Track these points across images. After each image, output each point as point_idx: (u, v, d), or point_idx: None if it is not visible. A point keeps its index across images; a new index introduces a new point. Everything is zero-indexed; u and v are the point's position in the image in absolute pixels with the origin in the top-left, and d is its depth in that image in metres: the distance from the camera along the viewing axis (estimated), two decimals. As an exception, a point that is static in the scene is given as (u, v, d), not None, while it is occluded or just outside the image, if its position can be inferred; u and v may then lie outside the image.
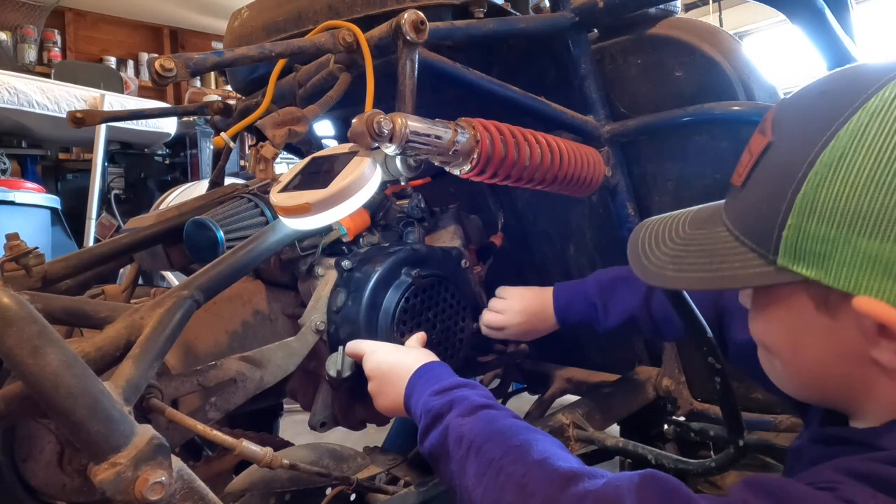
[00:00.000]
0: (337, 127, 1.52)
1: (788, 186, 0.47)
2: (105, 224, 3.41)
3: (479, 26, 1.02)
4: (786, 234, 0.47)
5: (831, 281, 0.46)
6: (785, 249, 0.48)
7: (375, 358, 0.83)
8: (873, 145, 0.44)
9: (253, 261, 0.82)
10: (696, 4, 5.15)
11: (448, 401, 0.69)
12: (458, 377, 0.74)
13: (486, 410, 0.66)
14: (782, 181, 0.48)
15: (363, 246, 1.00)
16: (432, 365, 0.78)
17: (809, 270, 0.47)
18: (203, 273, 0.76)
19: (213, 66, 0.81)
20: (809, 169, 0.46)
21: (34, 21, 4.56)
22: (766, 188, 0.50)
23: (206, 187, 1.45)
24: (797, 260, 0.47)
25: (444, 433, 0.66)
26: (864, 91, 0.46)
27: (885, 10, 4.22)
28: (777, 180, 0.49)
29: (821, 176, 0.46)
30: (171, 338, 0.68)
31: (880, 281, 0.44)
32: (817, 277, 0.46)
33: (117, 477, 0.52)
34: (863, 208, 0.44)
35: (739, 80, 1.05)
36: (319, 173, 0.81)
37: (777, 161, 0.50)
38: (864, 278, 0.45)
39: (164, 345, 0.66)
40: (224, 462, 1.05)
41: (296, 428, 1.61)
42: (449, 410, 0.68)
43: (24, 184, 2.97)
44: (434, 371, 0.77)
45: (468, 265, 1.07)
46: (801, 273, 0.47)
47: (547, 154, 0.94)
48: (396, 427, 1.54)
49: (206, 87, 5.29)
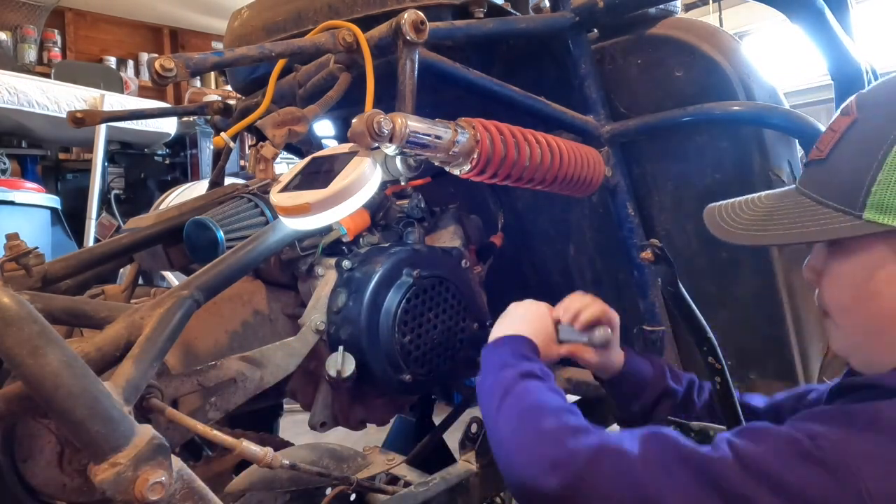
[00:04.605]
0: (337, 127, 1.52)
1: (879, 150, 0.56)
2: (105, 224, 3.41)
3: (479, 26, 1.02)
4: (875, 190, 0.56)
5: None
6: (872, 204, 0.56)
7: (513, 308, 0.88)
8: None
9: (253, 261, 0.82)
10: (696, 4, 5.15)
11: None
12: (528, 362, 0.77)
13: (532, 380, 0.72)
14: (872, 147, 0.57)
15: (363, 246, 1.00)
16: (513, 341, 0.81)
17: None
18: (203, 273, 0.76)
19: (213, 66, 0.81)
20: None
21: (34, 21, 4.55)
22: (853, 155, 0.59)
23: (206, 187, 1.45)
24: (884, 212, 0.56)
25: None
26: None
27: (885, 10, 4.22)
28: (866, 147, 0.58)
29: None
30: (171, 338, 0.68)
31: None
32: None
33: (117, 477, 0.52)
34: None
35: (739, 80, 1.05)
36: (319, 173, 0.81)
37: (865, 132, 0.59)
38: None
39: (164, 345, 0.66)
40: (224, 462, 1.06)
41: (296, 428, 1.61)
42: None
43: (24, 184, 2.97)
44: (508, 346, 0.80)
45: (468, 265, 1.07)
46: (888, 223, 0.56)
47: (547, 154, 0.94)
48: (396, 427, 1.54)
49: (206, 87, 5.29)
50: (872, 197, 0.56)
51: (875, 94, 0.63)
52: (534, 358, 0.77)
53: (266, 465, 0.70)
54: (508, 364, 0.74)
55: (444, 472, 0.88)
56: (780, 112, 1.02)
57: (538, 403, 0.67)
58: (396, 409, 1.12)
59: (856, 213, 0.57)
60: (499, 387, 0.71)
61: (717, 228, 0.69)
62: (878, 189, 0.56)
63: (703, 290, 1.16)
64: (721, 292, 1.15)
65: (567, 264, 1.38)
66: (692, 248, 1.16)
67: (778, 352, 1.13)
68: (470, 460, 0.89)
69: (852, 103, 0.63)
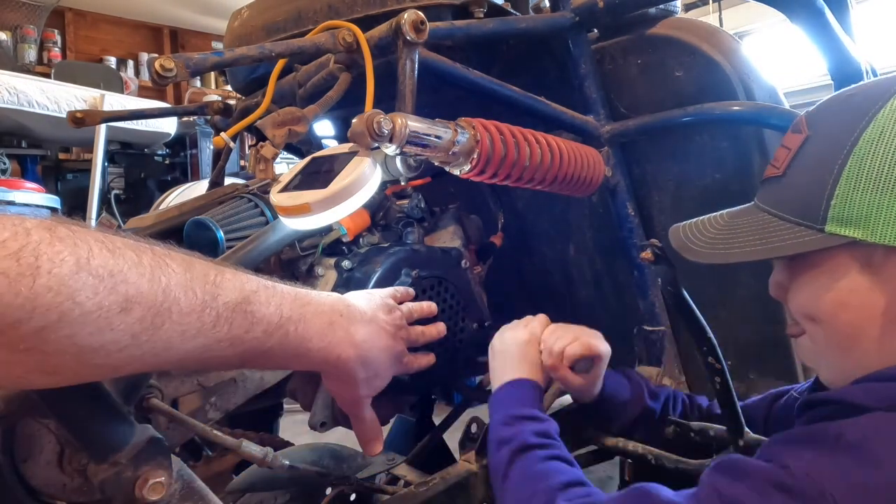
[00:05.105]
0: (337, 127, 1.52)
1: (834, 164, 0.58)
2: (105, 224, 3.41)
3: (479, 26, 1.02)
4: (834, 203, 0.57)
5: (878, 238, 0.55)
6: (833, 217, 0.57)
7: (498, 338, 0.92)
8: None
9: (253, 261, 0.82)
10: (696, 4, 5.15)
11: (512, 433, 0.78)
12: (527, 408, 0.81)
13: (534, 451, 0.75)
14: (827, 162, 0.59)
15: (363, 246, 1.00)
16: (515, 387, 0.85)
17: (857, 232, 0.56)
18: (203, 273, 0.76)
19: (213, 66, 0.81)
20: (854, 146, 0.57)
21: (34, 21, 4.56)
22: (810, 170, 0.61)
23: (206, 187, 1.45)
24: (845, 225, 0.57)
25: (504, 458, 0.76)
26: (894, 84, 0.59)
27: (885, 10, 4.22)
28: (821, 162, 0.59)
29: (864, 150, 0.57)
30: (171, 338, 0.68)
31: None
32: (864, 237, 0.56)
33: (117, 477, 0.52)
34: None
35: (739, 80, 1.05)
36: (319, 173, 0.81)
37: (819, 148, 0.61)
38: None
39: (164, 345, 0.66)
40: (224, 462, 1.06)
41: (296, 428, 1.61)
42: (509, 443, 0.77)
43: (24, 184, 2.97)
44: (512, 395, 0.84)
45: (468, 265, 1.07)
46: (850, 235, 0.57)
47: (547, 154, 0.94)
48: (396, 427, 1.54)
49: (206, 87, 5.30)
50: (833, 210, 0.58)
51: (823, 111, 0.65)
52: (532, 405, 0.81)
53: (266, 465, 0.70)
54: (502, 440, 0.77)
55: (444, 472, 0.87)
56: (780, 112, 1.02)
57: (530, 486, 0.70)
58: (396, 409, 1.12)
59: (817, 226, 0.59)
60: (498, 464, 0.76)
61: (682, 248, 0.70)
62: (836, 203, 0.57)
63: (703, 290, 1.16)
64: (721, 292, 1.15)
65: (567, 264, 1.38)
66: (692, 248, 1.16)
67: (778, 352, 1.12)
68: (470, 460, 0.89)
69: (802, 121, 0.65)
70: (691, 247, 0.69)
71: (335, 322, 0.66)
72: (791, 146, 0.64)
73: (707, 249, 0.67)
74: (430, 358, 0.87)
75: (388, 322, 0.75)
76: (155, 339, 0.47)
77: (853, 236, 0.57)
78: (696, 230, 0.71)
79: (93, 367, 0.46)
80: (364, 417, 0.75)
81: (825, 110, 0.65)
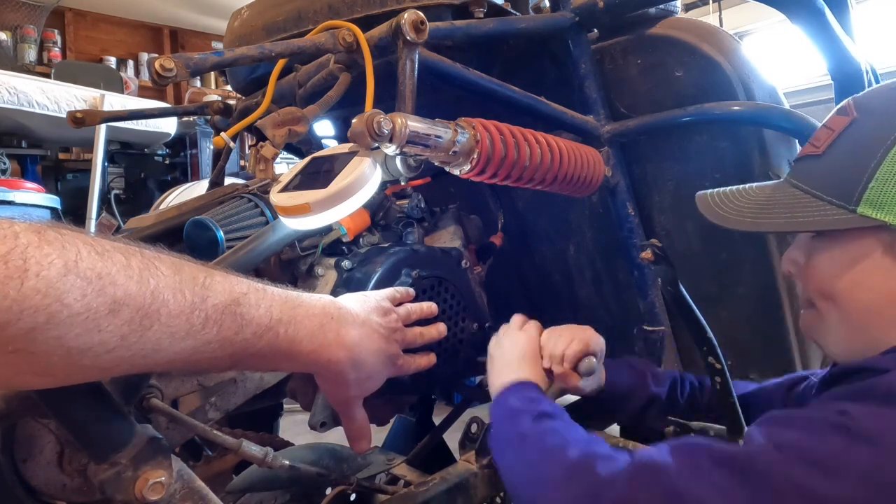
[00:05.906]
0: (337, 127, 1.52)
1: (879, 149, 0.60)
2: (105, 224, 3.41)
3: (479, 26, 1.02)
4: (872, 186, 0.59)
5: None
6: (867, 199, 0.59)
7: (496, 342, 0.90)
8: None
9: (253, 261, 0.82)
10: (696, 4, 5.15)
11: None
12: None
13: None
14: (871, 146, 0.60)
15: (363, 246, 1.00)
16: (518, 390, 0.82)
17: (889, 216, 0.59)
18: (203, 273, 0.76)
19: (213, 66, 0.81)
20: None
21: (34, 21, 4.55)
22: (851, 153, 0.63)
23: (206, 187, 1.45)
24: (878, 208, 0.59)
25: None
26: None
27: (885, 10, 4.22)
28: (865, 145, 0.61)
29: None
30: (171, 338, 0.68)
31: None
32: (894, 222, 0.59)
33: (117, 477, 0.52)
34: None
35: (739, 80, 1.05)
36: (319, 173, 0.81)
37: (863, 132, 0.63)
38: None
39: (164, 345, 0.66)
40: (224, 462, 1.06)
41: (296, 428, 1.61)
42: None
43: (24, 184, 2.97)
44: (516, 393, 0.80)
45: (468, 265, 1.07)
46: (881, 219, 0.59)
47: (547, 154, 0.94)
48: (396, 427, 1.54)
49: (206, 87, 5.29)
50: (869, 192, 0.60)
51: (873, 97, 0.67)
52: (541, 398, 0.77)
53: (266, 465, 0.70)
54: (519, 411, 0.74)
55: (444, 472, 0.88)
56: (780, 112, 1.02)
57: (560, 441, 0.66)
58: (396, 409, 1.11)
59: (850, 206, 0.61)
60: (514, 434, 0.71)
61: (710, 213, 0.71)
62: (874, 185, 0.59)
63: (703, 290, 1.16)
64: (721, 292, 1.16)
65: (567, 264, 1.38)
66: (692, 248, 1.17)
67: (778, 351, 1.13)
68: (470, 460, 0.89)
69: (850, 105, 0.66)
70: (719, 212, 0.71)
71: (326, 324, 0.66)
72: (835, 128, 0.65)
73: (735, 216, 0.69)
74: (430, 358, 0.86)
75: (382, 324, 0.75)
76: (143, 340, 0.48)
77: (885, 220, 0.59)
78: (724, 198, 0.73)
79: (82, 369, 0.46)
80: (354, 417, 0.75)
81: (875, 97, 0.66)
